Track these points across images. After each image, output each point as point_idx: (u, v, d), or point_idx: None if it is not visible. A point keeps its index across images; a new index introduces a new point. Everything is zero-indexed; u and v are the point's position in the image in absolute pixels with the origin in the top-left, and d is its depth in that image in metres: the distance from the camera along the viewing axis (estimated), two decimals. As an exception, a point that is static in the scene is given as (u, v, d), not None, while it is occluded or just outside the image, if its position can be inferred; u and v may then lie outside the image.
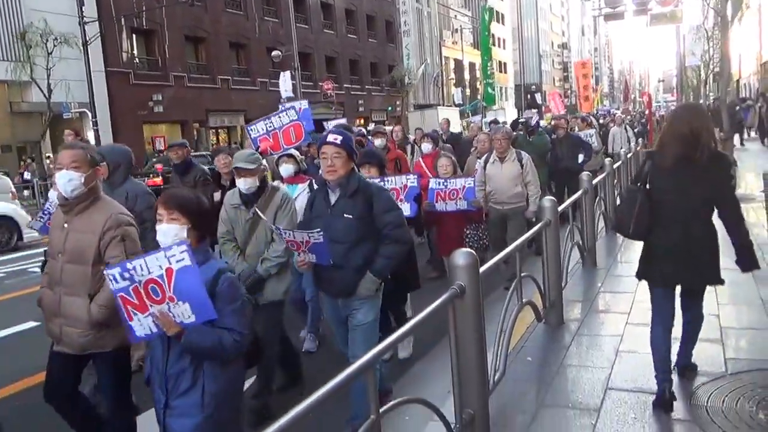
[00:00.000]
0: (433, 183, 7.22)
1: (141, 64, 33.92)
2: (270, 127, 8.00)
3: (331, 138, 4.50)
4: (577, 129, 15.28)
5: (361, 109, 52.14)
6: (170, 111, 34.17)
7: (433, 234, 8.72)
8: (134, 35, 33.82)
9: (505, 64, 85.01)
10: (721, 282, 4.41)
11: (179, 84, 35.14)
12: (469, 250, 4.08)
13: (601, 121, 24.66)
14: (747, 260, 4.33)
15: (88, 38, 25.83)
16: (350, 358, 4.40)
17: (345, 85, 49.96)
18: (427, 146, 9.84)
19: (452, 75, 67.80)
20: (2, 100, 27.29)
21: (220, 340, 3.22)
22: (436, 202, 7.14)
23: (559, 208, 6.40)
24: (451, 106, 59.22)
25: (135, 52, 33.67)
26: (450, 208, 7.12)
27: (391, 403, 3.27)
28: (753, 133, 28.59)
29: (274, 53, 37.24)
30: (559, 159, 11.79)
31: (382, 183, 5.74)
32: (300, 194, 6.30)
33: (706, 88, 48.57)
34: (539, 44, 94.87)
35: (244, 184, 5.05)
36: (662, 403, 4.44)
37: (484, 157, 8.64)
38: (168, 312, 3.16)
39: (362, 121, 47.20)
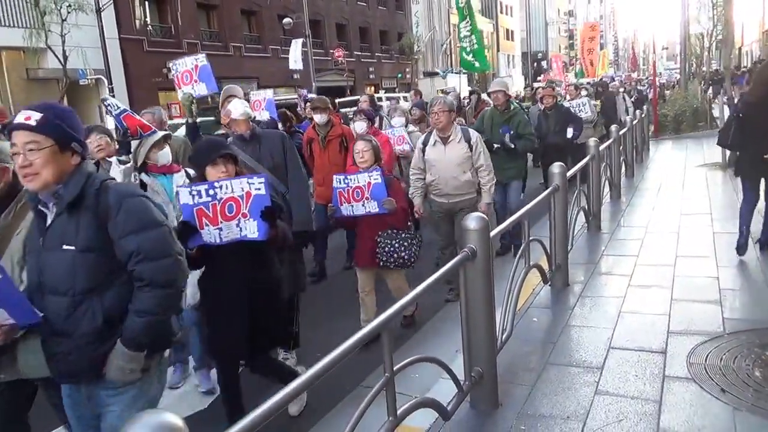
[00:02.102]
0: (334, 181, 5.65)
1: (154, 31, 33.66)
2: None
3: (21, 118, 2.67)
4: (568, 97, 14.07)
5: (371, 76, 51.75)
6: (186, 78, 34.03)
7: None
8: (146, 2, 33.48)
9: (512, 31, 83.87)
10: None
11: (192, 51, 34.35)
12: (480, 214, 4.04)
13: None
14: None
15: (101, 5, 25.79)
16: None
17: (355, 53, 49.45)
18: (360, 125, 7.70)
19: (459, 43, 66.94)
20: (19, 66, 27.18)
21: None
22: (341, 204, 5.60)
23: (568, 174, 6.43)
24: (459, 73, 58.67)
25: (148, 19, 33.46)
26: (358, 212, 5.56)
27: (404, 362, 3.28)
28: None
29: (285, 21, 36.89)
30: (545, 134, 10.26)
31: (217, 188, 3.88)
32: (180, 189, 4.06)
33: (709, 55, 48.09)
34: (546, 11, 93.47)
35: None
36: (741, 248, 6.61)
37: (422, 138, 7.01)
38: None
39: (372, 88, 47.03)
